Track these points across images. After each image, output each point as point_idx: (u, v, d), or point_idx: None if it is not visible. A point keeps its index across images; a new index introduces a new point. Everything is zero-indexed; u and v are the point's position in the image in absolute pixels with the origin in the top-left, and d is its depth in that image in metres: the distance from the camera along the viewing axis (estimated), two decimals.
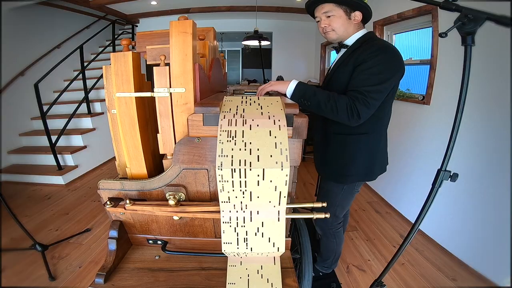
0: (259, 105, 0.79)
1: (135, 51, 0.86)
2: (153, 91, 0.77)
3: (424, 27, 2.15)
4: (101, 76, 3.51)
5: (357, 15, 1.04)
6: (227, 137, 0.69)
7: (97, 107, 3.54)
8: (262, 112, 0.74)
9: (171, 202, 0.76)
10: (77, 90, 3.46)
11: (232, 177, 0.68)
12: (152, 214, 0.83)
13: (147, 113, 0.89)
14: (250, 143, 0.69)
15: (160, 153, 0.82)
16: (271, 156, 0.67)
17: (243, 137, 0.69)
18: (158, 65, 0.76)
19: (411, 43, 2.42)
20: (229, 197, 0.72)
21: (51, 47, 3.71)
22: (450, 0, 0.68)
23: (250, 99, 0.84)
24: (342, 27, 1.06)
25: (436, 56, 1.87)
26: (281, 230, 0.75)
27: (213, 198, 0.85)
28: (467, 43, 0.68)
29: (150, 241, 0.95)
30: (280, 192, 0.70)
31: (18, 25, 3.19)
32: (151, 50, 0.93)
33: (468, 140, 1.61)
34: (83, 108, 3.31)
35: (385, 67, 0.95)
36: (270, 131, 0.70)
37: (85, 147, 3.17)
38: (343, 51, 1.12)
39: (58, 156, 2.87)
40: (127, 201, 0.77)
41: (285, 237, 0.93)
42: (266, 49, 4.95)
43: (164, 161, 0.83)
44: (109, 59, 0.80)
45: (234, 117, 0.72)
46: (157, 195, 0.83)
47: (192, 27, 0.73)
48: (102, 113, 3.50)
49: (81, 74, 3.30)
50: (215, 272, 0.86)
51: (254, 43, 3.68)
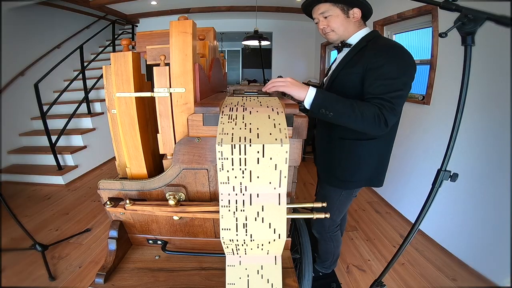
0: (259, 101, 0.81)
1: (135, 51, 0.86)
2: (153, 91, 0.77)
3: (424, 27, 2.15)
4: (101, 76, 3.51)
5: (356, 12, 1.00)
6: (228, 119, 0.72)
7: (97, 107, 3.54)
8: (261, 104, 0.79)
9: (171, 202, 0.76)
10: (77, 90, 3.46)
11: (232, 154, 0.67)
12: (152, 214, 0.83)
13: (147, 113, 0.89)
14: (250, 123, 0.71)
15: (160, 153, 0.82)
16: (270, 133, 0.68)
17: (243, 119, 0.72)
18: (158, 65, 0.76)
19: (411, 43, 2.42)
20: (228, 177, 0.70)
21: (51, 47, 3.71)
22: (450, 0, 0.68)
23: (251, 100, 0.85)
24: (342, 26, 1.02)
25: (436, 56, 1.87)
26: (282, 215, 0.72)
27: (213, 198, 0.85)
28: (467, 43, 0.68)
29: (150, 241, 0.95)
30: (281, 171, 0.69)
31: (18, 25, 3.19)
32: (151, 50, 0.93)
33: (468, 140, 1.61)
34: (83, 108, 3.31)
35: (404, 71, 0.91)
36: (269, 115, 0.73)
37: (85, 147, 3.17)
38: (346, 50, 1.08)
39: (58, 156, 2.87)
40: (127, 201, 0.78)
41: (286, 236, 0.94)
42: (266, 49, 4.95)
43: (164, 161, 0.83)
44: (109, 59, 0.80)
45: (235, 106, 0.78)
46: (157, 195, 0.83)
47: (192, 27, 0.73)
48: (102, 113, 3.50)
49: (81, 74, 3.30)
50: (215, 272, 0.86)
51: (254, 43, 3.68)
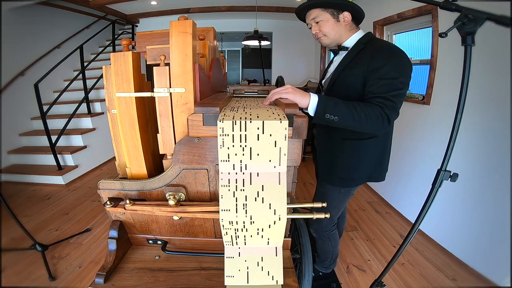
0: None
1: (135, 51, 0.86)
2: (153, 91, 0.77)
3: (424, 27, 2.15)
4: (101, 76, 3.51)
5: (346, 16, 1.03)
6: (229, 109, 0.78)
7: (97, 107, 3.54)
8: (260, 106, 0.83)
9: (171, 202, 0.76)
10: (77, 90, 3.46)
11: (233, 131, 0.69)
12: (152, 214, 0.83)
13: (147, 113, 0.89)
14: (250, 109, 0.79)
15: (160, 153, 0.82)
16: (269, 116, 0.72)
17: (244, 110, 0.78)
18: (158, 65, 0.76)
19: (411, 43, 2.42)
20: (228, 155, 0.70)
21: (51, 47, 3.71)
22: (450, 0, 0.68)
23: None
24: (333, 30, 1.05)
25: (436, 56, 1.87)
26: (282, 195, 0.72)
27: (213, 198, 0.85)
28: (467, 43, 0.68)
29: (150, 241, 0.95)
30: (280, 148, 0.70)
31: (18, 25, 3.19)
32: (151, 50, 0.93)
33: (468, 140, 1.61)
34: (83, 108, 3.31)
35: (402, 71, 0.95)
36: (267, 110, 0.79)
37: (85, 147, 3.17)
38: (343, 53, 1.10)
39: (58, 156, 2.87)
40: (127, 201, 0.78)
41: (285, 237, 0.94)
42: (266, 49, 4.95)
43: (164, 161, 0.83)
44: (109, 59, 0.80)
45: (236, 106, 0.83)
46: (157, 195, 0.83)
47: (192, 27, 0.73)
48: (102, 113, 3.50)
49: (81, 74, 3.30)
50: (215, 272, 0.86)
51: (254, 43, 3.68)
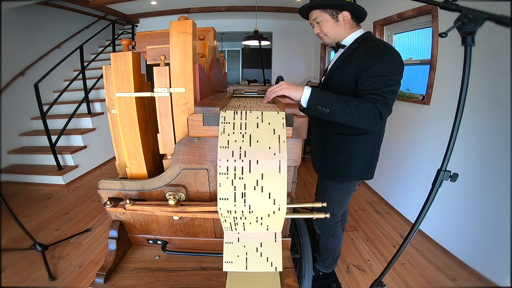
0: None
1: (135, 51, 0.86)
2: (153, 91, 0.77)
3: (424, 27, 2.15)
4: (101, 76, 3.51)
5: (345, 15, 1.05)
6: (230, 107, 0.80)
7: (97, 107, 3.54)
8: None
9: (171, 202, 0.76)
10: (77, 90, 3.46)
11: (234, 119, 0.73)
12: (152, 214, 0.83)
13: (147, 113, 0.89)
14: (250, 106, 0.82)
15: (160, 153, 0.82)
16: (269, 123, 0.75)
17: (244, 107, 0.81)
18: (158, 65, 0.76)
19: (411, 43, 2.42)
20: (228, 141, 0.71)
21: (51, 47, 3.71)
22: (450, 0, 0.68)
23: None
24: (332, 30, 1.08)
25: (436, 56, 1.87)
26: (282, 183, 0.70)
27: (213, 198, 0.85)
28: (467, 43, 0.68)
29: (150, 241, 0.95)
30: (279, 135, 0.71)
31: (18, 25, 3.19)
32: (151, 50, 0.93)
33: (468, 140, 1.61)
34: (83, 108, 3.31)
35: (394, 69, 0.96)
36: (266, 108, 0.81)
37: (85, 147, 3.17)
38: (341, 51, 1.13)
39: (58, 156, 2.87)
40: (127, 201, 0.78)
41: (285, 233, 0.94)
42: (266, 49, 4.95)
43: (164, 161, 0.83)
44: (109, 59, 0.80)
45: (236, 103, 0.83)
46: (157, 195, 0.83)
47: (192, 27, 0.73)
48: (102, 113, 3.50)
49: (81, 74, 3.30)
50: (215, 272, 0.85)
51: (254, 43, 3.68)
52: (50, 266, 1.59)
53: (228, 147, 0.70)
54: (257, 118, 0.73)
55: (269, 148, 0.70)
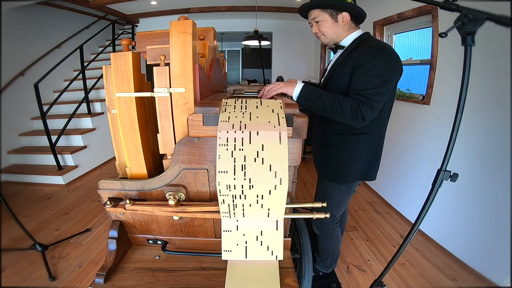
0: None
1: (135, 51, 0.86)
2: (153, 91, 0.77)
3: (424, 27, 2.15)
4: (101, 76, 3.51)
5: (345, 16, 1.05)
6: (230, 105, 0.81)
7: (97, 107, 3.54)
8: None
9: (171, 202, 0.76)
10: (77, 90, 3.46)
11: (235, 103, 0.78)
12: (152, 214, 0.83)
13: (147, 113, 0.89)
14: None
15: (160, 153, 0.82)
16: (267, 106, 0.78)
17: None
18: (158, 65, 0.76)
19: (411, 43, 2.42)
20: (229, 117, 0.72)
21: (51, 47, 3.71)
22: (450, 0, 0.68)
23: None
24: (331, 30, 1.09)
25: (436, 56, 1.87)
26: (283, 155, 0.68)
27: (213, 198, 0.85)
28: (467, 43, 0.68)
29: (150, 241, 0.95)
30: (278, 114, 0.74)
31: (18, 25, 3.18)
32: (151, 50, 0.93)
33: (468, 140, 1.61)
34: (83, 108, 3.31)
35: (385, 69, 0.96)
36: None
37: (85, 147, 3.17)
38: (340, 52, 1.13)
39: (58, 156, 2.87)
40: (127, 201, 0.78)
41: (285, 233, 0.94)
42: (266, 49, 4.95)
43: (164, 161, 0.83)
44: (109, 59, 0.80)
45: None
46: (157, 195, 0.83)
47: (192, 27, 0.73)
48: (102, 113, 3.50)
49: (81, 74, 3.30)
50: (215, 272, 0.85)
51: (254, 43, 3.68)
52: (50, 266, 1.59)
53: (228, 121, 0.71)
54: (257, 103, 0.79)
55: (269, 122, 0.71)
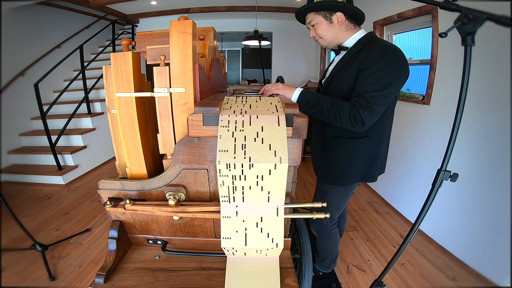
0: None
1: (135, 51, 0.86)
2: (153, 91, 0.77)
3: (424, 27, 2.15)
4: (101, 76, 3.51)
5: (339, 16, 1.02)
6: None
7: (97, 107, 3.54)
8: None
9: (171, 202, 0.76)
10: (77, 90, 3.46)
11: (236, 99, 0.85)
12: (152, 214, 0.83)
13: (147, 113, 0.89)
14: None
15: (160, 153, 0.82)
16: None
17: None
18: (158, 65, 0.76)
19: (411, 43, 2.42)
20: (230, 106, 0.78)
21: (51, 47, 3.71)
22: (450, 0, 0.68)
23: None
24: (327, 32, 1.06)
25: (436, 56, 1.87)
26: (282, 136, 0.70)
27: (213, 198, 0.85)
28: (467, 43, 0.68)
29: (150, 241, 0.95)
30: (276, 105, 0.79)
31: (18, 25, 3.19)
32: (151, 50, 0.93)
33: (468, 140, 1.61)
34: (83, 108, 3.31)
35: (389, 71, 0.92)
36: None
37: (85, 147, 3.17)
38: (343, 53, 1.10)
39: (58, 156, 2.88)
40: (127, 201, 0.78)
41: (285, 233, 0.94)
42: (266, 49, 4.95)
43: (164, 161, 0.83)
44: (109, 59, 0.80)
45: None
46: (157, 195, 0.83)
47: (192, 27, 0.73)
48: (102, 113, 3.51)
49: (81, 74, 3.30)
50: (215, 272, 0.86)
51: (254, 43, 3.68)
52: (50, 266, 1.59)
53: (230, 109, 0.76)
54: (256, 99, 0.85)
55: (268, 109, 0.76)
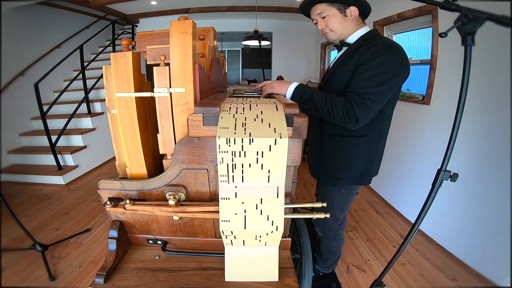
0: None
1: (135, 51, 0.86)
2: (153, 91, 0.77)
3: (424, 27, 2.15)
4: (101, 76, 3.51)
5: (353, 10, 1.00)
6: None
7: (97, 107, 3.54)
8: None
9: (171, 202, 0.76)
10: (77, 90, 3.46)
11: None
12: (152, 214, 0.83)
13: (147, 113, 0.89)
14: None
15: (160, 153, 0.82)
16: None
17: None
18: (158, 65, 0.76)
19: (411, 43, 2.42)
20: (232, 101, 0.83)
21: (51, 47, 3.71)
22: (450, 0, 0.68)
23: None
24: (339, 25, 1.02)
25: (436, 56, 1.87)
26: (281, 117, 0.72)
27: (213, 198, 0.85)
28: (467, 43, 0.68)
29: (150, 241, 0.95)
30: (274, 101, 0.84)
31: (18, 25, 3.19)
32: (151, 50, 0.93)
33: (468, 140, 1.61)
34: (83, 108, 3.31)
35: (388, 68, 0.90)
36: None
37: (85, 147, 3.17)
38: (345, 49, 1.08)
39: (58, 156, 2.88)
40: (127, 201, 0.78)
41: (285, 233, 0.94)
42: (266, 49, 4.95)
43: (164, 161, 0.83)
44: (109, 59, 0.80)
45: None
46: (157, 195, 0.83)
47: (192, 27, 0.73)
48: (102, 113, 3.51)
49: (81, 74, 3.30)
50: (215, 272, 0.86)
51: (254, 43, 3.67)
52: (50, 266, 1.59)
53: (231, 101, 0.82)
54: (255, 103, 0.86)
55: (266, 103, 0.80)
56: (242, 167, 0.71)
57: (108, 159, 3.61)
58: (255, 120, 0.71)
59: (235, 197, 0.73)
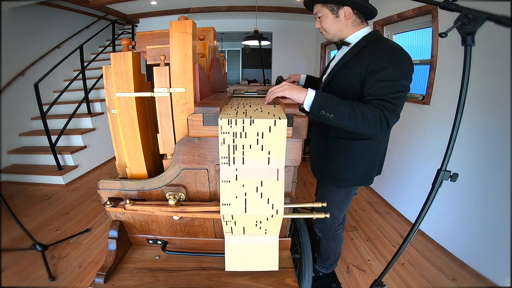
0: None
1: (135, 51, 0.86)
2: (153, 91, 0.77)
3: (424, 27, 2.15)
4: (101, 76, 3.51)
5: (347, 10, 0.99)
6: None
7: (97, 107, 3.54)
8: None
9: (171, 202, 0.76)
10: (77, 90, 3.46)
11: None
12: (152, 214, 0.83)
13: (147, 113, 0.89)
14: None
15: (160, 153, 0.82)
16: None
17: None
18: (158, 65, 0.76)
19: (411, 43, 2.42)
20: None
21: (51, 47, 3.71)
22: (450, 0, 0.68)
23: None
24: (332, 27, 1.03)
25: (436, 56, 1.87)
26: (279, 110, 0.76)
27: (213, 198, 0.85)
28: (467, 43, 0.68)
29: (150, 241, 0.95)
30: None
31: (18, 25, 3.19)
32: (151, 50, 0.93)
33: (468, 140, 1.61)
34: (83, 108, 3.31)
35: (403, 74, 0.91)
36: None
37: (85, 147, 3.17)
38: (345, 49, 1.07)
39: (58, 156, 2.87)
40: (127, 201, 0.78)
41: (285, 233, 0.94)
42: (266, 49, 4.95)
43: (164, 161, 0.83)
44: (109, 59, 0.80)
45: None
46: (157, 195, 0.83)
47: (192, 27, 0.73)
48: (102, 113, 3.50)
49: (81, 74, 3.30)
50: (215, 272, 0.86)
51: (254, 43, 3.68)
52: (50, 266, 1.59)
53: (231, 103, 0.85)
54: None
55: (268, 113, 0.82)
56: (243, 149, 0.71)
57: (108, 159, 3.61)
58: (255, 110, 0.76)
59: (236, 179, 0.73)
